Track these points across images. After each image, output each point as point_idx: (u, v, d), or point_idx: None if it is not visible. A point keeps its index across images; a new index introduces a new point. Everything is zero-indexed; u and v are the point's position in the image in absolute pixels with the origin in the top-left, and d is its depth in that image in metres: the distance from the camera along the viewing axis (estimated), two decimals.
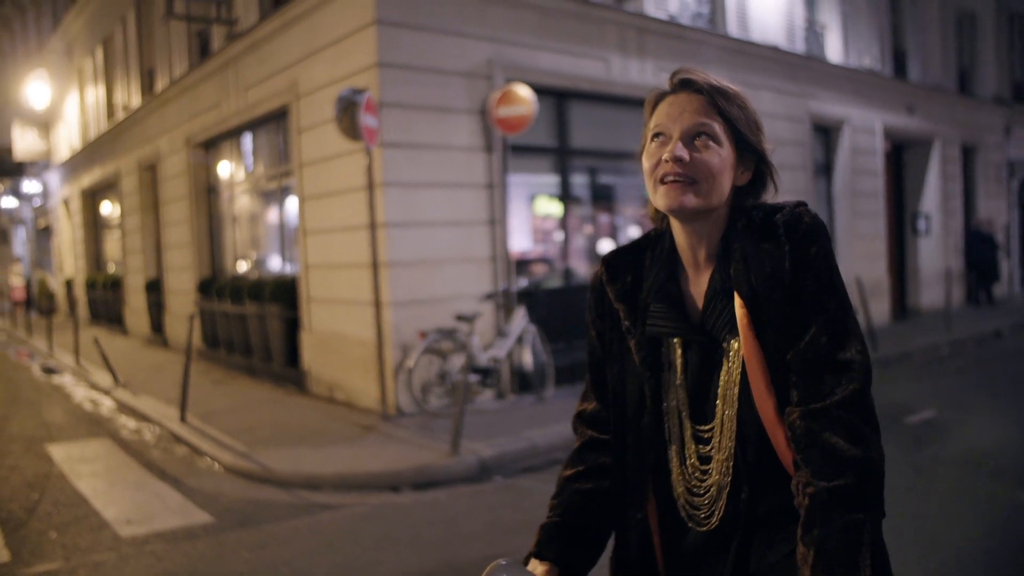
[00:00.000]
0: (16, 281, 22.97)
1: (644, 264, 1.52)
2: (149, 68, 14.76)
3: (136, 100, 15.32)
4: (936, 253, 15.82)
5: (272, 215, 11.10)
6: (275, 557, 4.43)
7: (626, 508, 1.51)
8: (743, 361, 1.36)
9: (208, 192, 12.54)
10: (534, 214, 9.94)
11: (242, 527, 4.96)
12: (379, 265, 7.47)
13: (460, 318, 7.67)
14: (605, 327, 1.56)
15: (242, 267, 11.90)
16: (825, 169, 13.53)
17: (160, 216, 14.38)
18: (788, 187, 11.09)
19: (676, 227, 1.47)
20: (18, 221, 30.08)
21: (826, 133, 13.48)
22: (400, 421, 7.33)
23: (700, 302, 1.45)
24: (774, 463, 1.35)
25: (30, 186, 24.68)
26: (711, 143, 1.37)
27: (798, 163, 12.37)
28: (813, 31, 13.38)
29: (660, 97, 1.45)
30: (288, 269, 10.44)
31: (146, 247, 15.21)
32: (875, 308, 12.25)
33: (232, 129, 11.15)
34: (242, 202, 11.87)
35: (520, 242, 9.41)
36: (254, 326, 10.10)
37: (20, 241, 30.82)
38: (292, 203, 9.89)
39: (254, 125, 10.76)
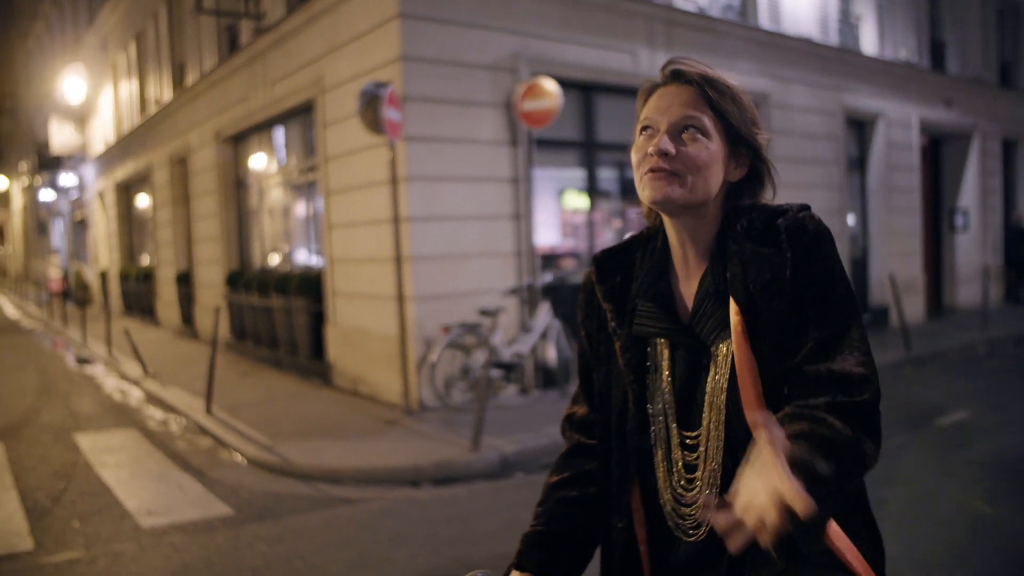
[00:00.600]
0: (54, 272, 23.37)
1: (635, 263, 1.46)
2: (180, 62, 14.89)
3: (167, 94, 15.48)
4: (974, 250, 15.50)
5: (299, 209, 11.14)
6: (290, 551, 4.43)
7: (610, 517, 1.45)
8: (732, 367, 1.30)
9: (237, 186, 12.64)
10: (562, 208, 9.87)
11: (260, 520, 4.97)
12: (402, 259, 7.45)
13: (484, 313, 7.63)
14: (593, 328, 1.50)
15: (270, 260, 11.97)
16: (859, 164, 13.29)
17: (191, 209, 14.53)
18: (821, 182, 10.96)
19: (667, 224, 1.41)
20: (56, 214, 30.61)
21: (860, 127, 13.23)
22: (423, 416, 7.32)
23: (690, 303, 1.39)
24: None
25: (67, 179, 25.07)
26: (699, 136, 1.32)
27: (831, 158, 12.15)
28: (848, 23, 13.13)
29: (652, 89, 1.40)
30: (315, 263, 10.48)
31: (177, 240, 15.38)
32: (909, 306, 12.02)
33: (260, 123, 11.21)
34: (270, 196, 11.94)
35: (548, 237, 9.35)
36: (280, 319, 10.15)
37: (58, 233, 31.36)
38: (319, 197, 9.92)
39: (281, 119, 10.80)
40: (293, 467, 5.96)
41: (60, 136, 23.70)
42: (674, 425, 1.37)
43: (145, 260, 19.05)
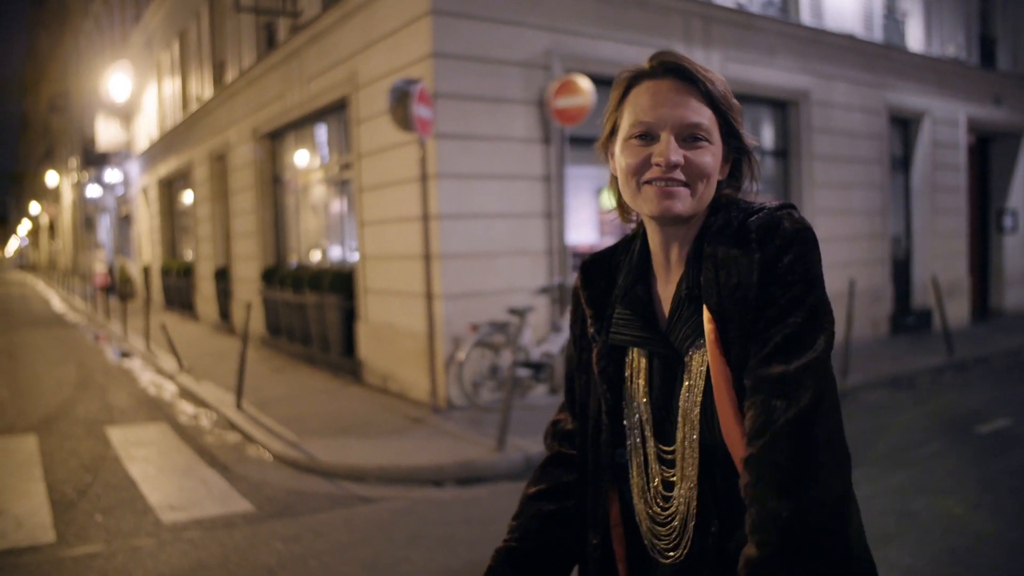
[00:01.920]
0: (99, 267, 23.83)
1: (619, 267, 1.39)
2: (220, 60, 15.05)
3: (208, 92, 15.66)
4: (1022, 252, 15.03)
5: (334, 205, 11.18)
6: (306, 550, 4.40)
7: (586, 531, 1.37)
8: (706, 379, 1.21)
9: (273, 182, 12.73)
10: (600, 207, 9.75)
11: (280, 517, 4.95)
12: (431, 257, 7.41)
13: (513, 312, 7.56)
14: (577, 334, 1.43)
15: (305, 257, 12.04)
16: (903, 163, 12.95)
17: (229, 206, 14.68)
18: (863, 181, 10.70)
19: (651, 228, 1.32)
20: (102, 209, 31.21)
21: (905, 125, 12.90)
22: (450, 414, 7.27)
23: (668, 308, 1.30)
24: None
25: (112, 176, 25.53)
26: (705, 143, 1.23)
27: (874, 157, 11.86)
28: (893, 18, 12.81)
29: (634, 80, 1.27)
30: (348, 259, 10.50)
31: (216, 236, 15.56)
32: (954, 309, 11.69)
33: (296, 120, 11.26)
34: (306, 192, 12.00)
35: (585, 235, 9.24)
36: (313, 315, 10.19)
37: (104, 228, 31.98)
38: (353, 194, 9.93)
39: (317, 116, 10.84)
40: (318, 464, 5.95)
41: (106, 133, 24.15)
42: (651, 439, 1.29)
43: (186, 255, 19.33)
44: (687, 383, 1.24)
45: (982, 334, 12.16)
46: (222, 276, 15.03)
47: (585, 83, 7.79)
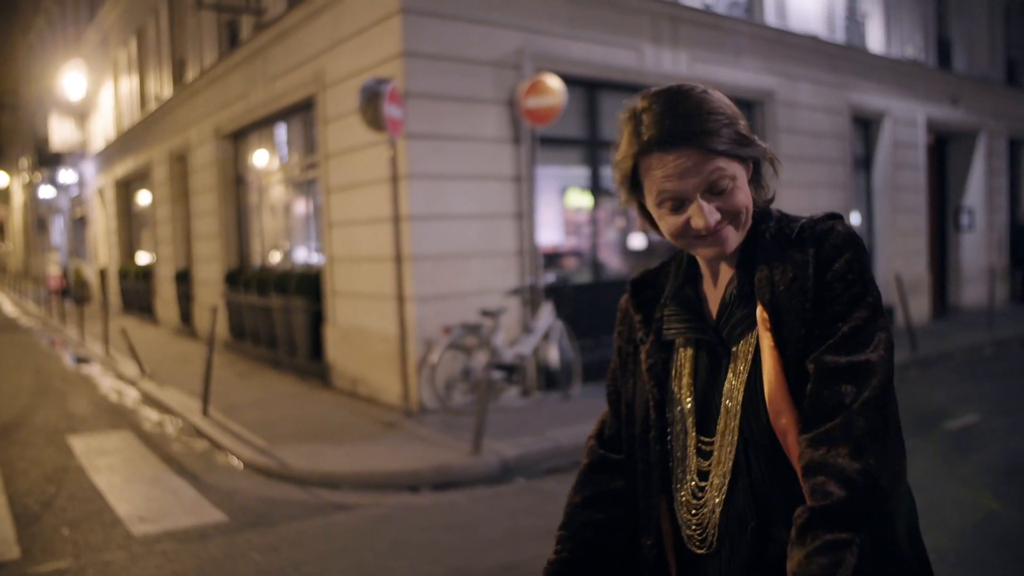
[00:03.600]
0: (53, 270, 23.27)
1: (667, 277, 1.44)
2: (180, 59, 14.76)
3: (167, 91, 15.35)
4: (979, 249, 15.35)
5: (300, 206, 11.01)
6: (286, 560, 4.30)
7: (639, 534, 1.37)
8: (752, 366, 1.25)
9: (236, 183, 12.51)
10: (565, 207, 9.73)
11: (255, 527, 4.84)
12: (403, 258, 7.32)
13: (485, 313, 7.50)
14: (623, 342, 1.47)
15: (270, 259, 11.84)
16: (865, 163, 13.14)
17: (190, 207, 14.40)
18: (827, 181, 10.82)
19: None
20: (56, 211, 30.49)
21: (866, 125, 13.08)
22: (423, 418, 7.19)
23: (714, 308, 1.35)
24: (791, 489, 1.18)
25: (67, 176, 24.95)
26: (729, 184, 1.25)
27: (837, 156, 12.01)
28: (854, 20, 12.98)
29: (642, 152, 1.26)
30: (314, 261, 10.35)
31: (176, 237, 15.26)
32: (914, 306, 11.87)
33: (260, 120, 11.07)
34: (271, 193, 11.81)
35: (551, 236, 9.21)
36: (279, 319, 10.02)
37: (58, 230, 31.24)
38: (319, 195, 9.79)
39: (282, 116, 10.67)
40: (290, 471, 5.83)
41: (60, 133, 23.58)
42: (692, 430, 1.31)
43: (144, 258, 18.93)
44: (732, 373, 1.27)
45: (943, 330, 12.38)
46: (183, 279, 14.74)
47: (555, 83, 7.76)
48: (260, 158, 11.88)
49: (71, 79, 21.20)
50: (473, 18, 7.80)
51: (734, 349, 1.27)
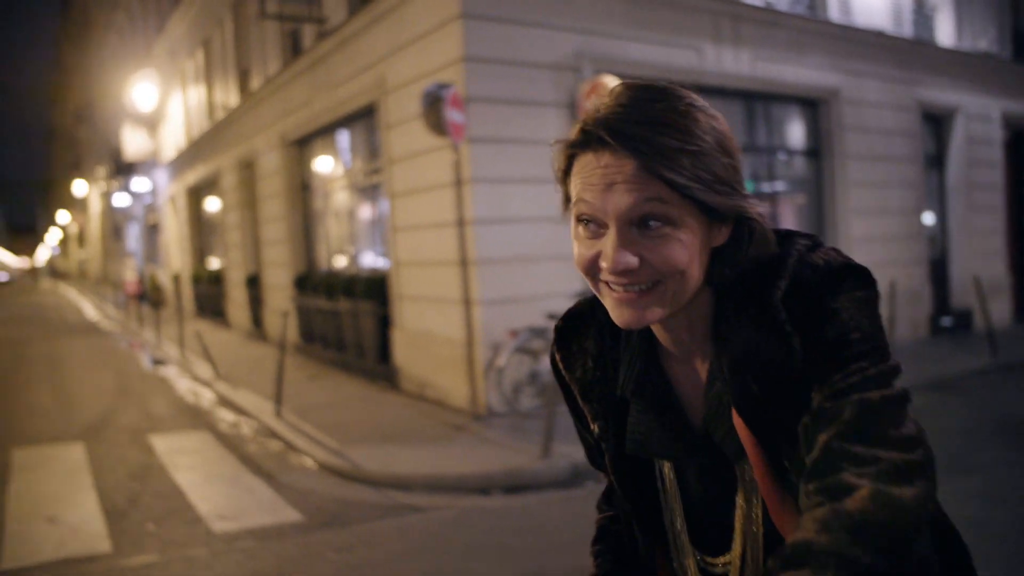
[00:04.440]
0: (129, 275, 24.06)
1: (603, 332, 1.13)
2: (245, 68, 15.15)
3: (234, 99, 15.77)
4: None
5: (364, 211, 11.21)
6: (361, 560, 4.41)
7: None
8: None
9: (302, 189, 12.79)
10: None
11: (330, 527, 4.96)
12: (468, 262, 7.41)
13: (552, 317, 7.54)
14: (571, 405, 1.22)
15: (336, 263, 12.08)
16: (937, 160, 12.80)
17: (258, 213, 14.77)
18: (896, 180, 10.56)
19: None
20: (130, 218, 31.51)
21: (938, 122, 12.74)
22: (491, 421, 7.27)
23: (693, 393, 1.07)
24: None
25: (140, 184, 25.78)
26: (666, 229, 0.93)
27: (907, 154, 11.73)
28: (922, 14, 12.66)
29: (575, 147, 0.98)
30: (380, 265, 10.53)
31: (245, 243, 15.67)
32: (993, 309, 11.52)
33: (324, 126, 11.31)
34: (335, 199, 12.05)
35: None
36: (347, 323, 10.23)
37: (133, 237, 32.29)
38: (383, 199, 9.96)
39: (345, 122, 10.88)
40: (362, 473, 5.96)
41: (133, 143, 24.41)
42: (688, 547, 1.12)
43: (215, 263, 19.47)
44: (742, 495, 1.04)
45: None
46: (253, 283, 15.13)
47: (615, 84, 7.76)
48: (324, 164, 12.14)
49: (142, 91, 21.91)
50: (532, 21, 7.86)
51: (738, 469, 1.03)
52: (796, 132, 10.89)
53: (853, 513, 0.84)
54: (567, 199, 1.01)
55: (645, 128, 0.91)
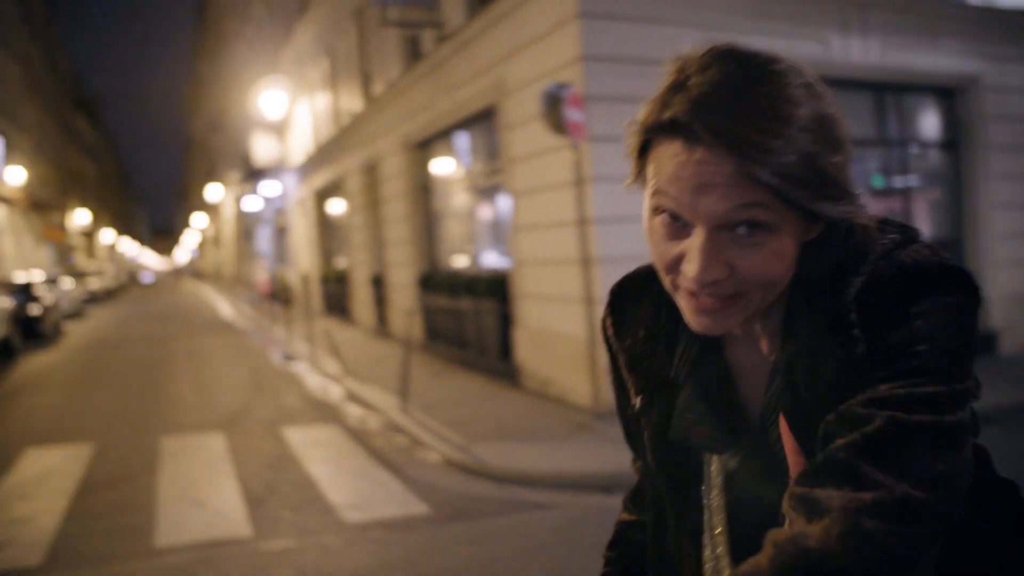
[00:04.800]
0: (261, 275, 25.28)
1: (663, 304, 1.02)
2: (368, 74, 15.64)
3: (357, 105, 16.31)
4: None
5: (485, 211, 11.40)
6: (488, 554, 4.50)
7: None
8: None
9: (424, 191, 13.11)
10: None
11: (457, 521, 5.09)
12: (589, 261, 7.43)
13: None
14: (615, 378, 1.13)
15: (457, 263, 12.33)
16: None
17: (381, 214, 15.23)
18: None
19: None
20: (261, 221, 33.09)
21: None
22: (613, 420, 7.25)
23: (753, 384, 0.96)
24: None
25: (269, 189, 27.01)
26: (762, 236, 0.84)
27: None
28: None
29: (659, 129, 0.87)
30: (501, 265, 10.68)
31: (369, 244, 16.20)
32: None
33: (444, 128, 11.56)
34: (456, 199, 12.29)
35: None
36: (470, 321, 10.43)
37: (264, 239, 33.90)
38: (504, 199, 10.10)
39: (464, 124, 11.09)
40: (487, 469, 6.08)
41: (262, 149, 25.59)
42: (726, 559, 0.98)
43: (340, 263, 20.21)
44: None
45: None
46: (377, 283, 15.62)
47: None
48: (445, 166, 12.40)
49: (270, 98, 22.94)
50: (650, 18, 7.80)
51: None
52: (930, 123, 10.36)
53: (811, 550, 0.74)
54: (637, 174, 0.91)
55: (748, 124, 0.79)
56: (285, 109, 23.21)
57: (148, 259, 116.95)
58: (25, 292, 17.85)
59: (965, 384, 0.80)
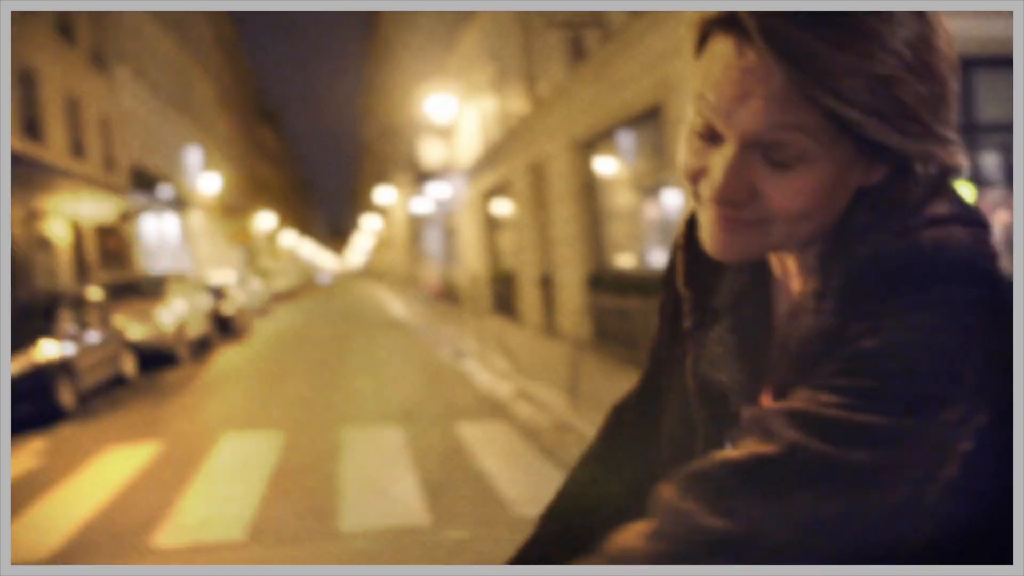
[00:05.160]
0: (431, 275, 26.27)
1: None
2: (532, 75, 15.91)
3: (523, 107, 16.61)
4: None
5: (651, 210, 11.33)
6: None
7: None
8: None
9: (590, 190, 13.19)
10: None
11: None
12: None
13: None
14: (672, 293, 1.02)
15: (624, 262, 12.33)
16: None
17: (547, 215, 15.45)
18: None
19: None
20: (430, 222, 34.34)
21: None
22: None
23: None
24: None
25: (438, 191, 27.96)
26: (799, 165, 0.72)
27: None
28: None
29: (713, 22, 0.74)
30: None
31: (536, 244, 16.46)
32: None
33: (609, 127, 11.59)
34: (622, 198, 12.29)
35: None
36: (638, 321, 10.42)
37: (432, 240, 35.17)
38: (670, 197, 10.02)
39: (629, 122, 11.07)
40: None
41: (430, 152, 26.54)
42: None
43: (508, 263, 20.67)
44: None
45: None
46: (544, 282, 15.86)
47: None
48: (610, 165, 12.43)
49: (438, 103, 23.75)
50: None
51: None
52: None
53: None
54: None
55: (811, 33, 0.67)
56: (453, 113, 24.02)
57: (325, 260, 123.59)
58: (219, 292, 19.58)
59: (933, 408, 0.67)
